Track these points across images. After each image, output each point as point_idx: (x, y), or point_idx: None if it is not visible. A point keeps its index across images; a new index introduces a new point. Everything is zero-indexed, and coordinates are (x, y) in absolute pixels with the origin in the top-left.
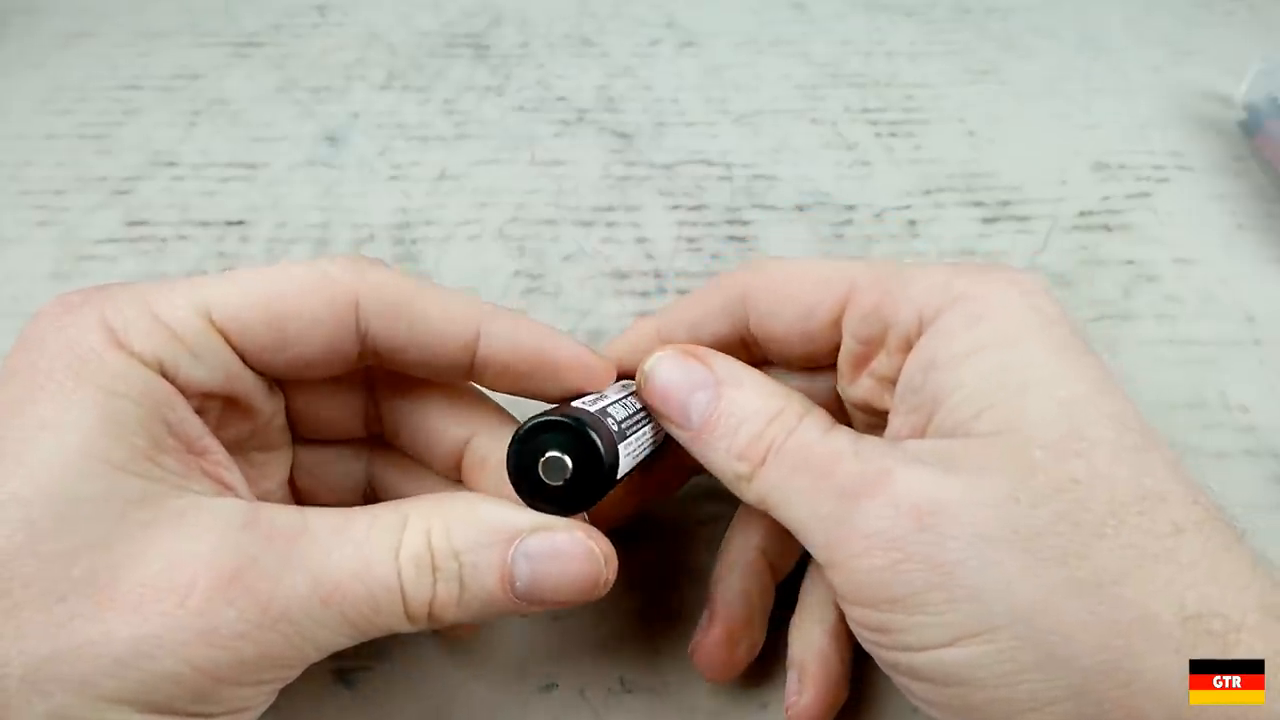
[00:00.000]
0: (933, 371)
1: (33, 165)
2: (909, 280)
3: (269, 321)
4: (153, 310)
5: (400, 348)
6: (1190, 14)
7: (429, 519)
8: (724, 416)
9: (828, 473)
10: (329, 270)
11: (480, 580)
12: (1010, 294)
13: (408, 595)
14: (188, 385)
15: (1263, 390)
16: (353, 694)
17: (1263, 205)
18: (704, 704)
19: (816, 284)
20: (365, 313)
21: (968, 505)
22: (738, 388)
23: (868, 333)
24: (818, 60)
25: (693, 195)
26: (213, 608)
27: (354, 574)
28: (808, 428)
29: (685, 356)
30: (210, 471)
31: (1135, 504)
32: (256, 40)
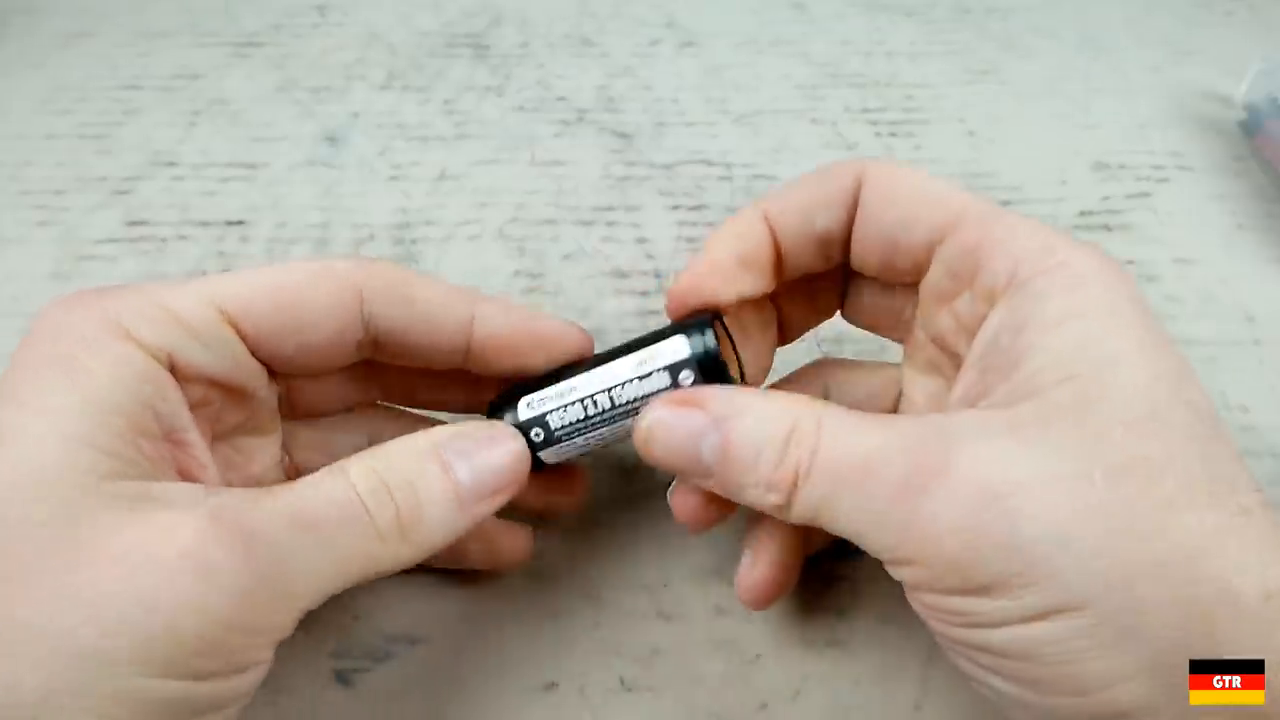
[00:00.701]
0: (1023, 334)
1: (33, 165)
2: (1013, 230)
3: (277, 309)
4: (162, 302)
5: (401, 330)
6: (1190, 14)
7: (364, 458)
8: (737, 454)
9: (874, 474)
10: (333, 264)
11: (429, 484)
12: (1107, 270)
13: (372, 511)
14: (196, 373)
15: (1263, 390)
16: (353, 694)
17: (1263, 205)
18: (704, 704)
19: (925, 199)
20: (369, 298)
21: (1042, 481)
22: (741, 418)
23: (960, 268)
24: (818, 60)
25: (693, 195)
26: (204, 547)
27: (321, 499)
28: (832, 434)
29: (677, 407)
30: (183, 465)
31: (1207, 485)
32: (256, 40)
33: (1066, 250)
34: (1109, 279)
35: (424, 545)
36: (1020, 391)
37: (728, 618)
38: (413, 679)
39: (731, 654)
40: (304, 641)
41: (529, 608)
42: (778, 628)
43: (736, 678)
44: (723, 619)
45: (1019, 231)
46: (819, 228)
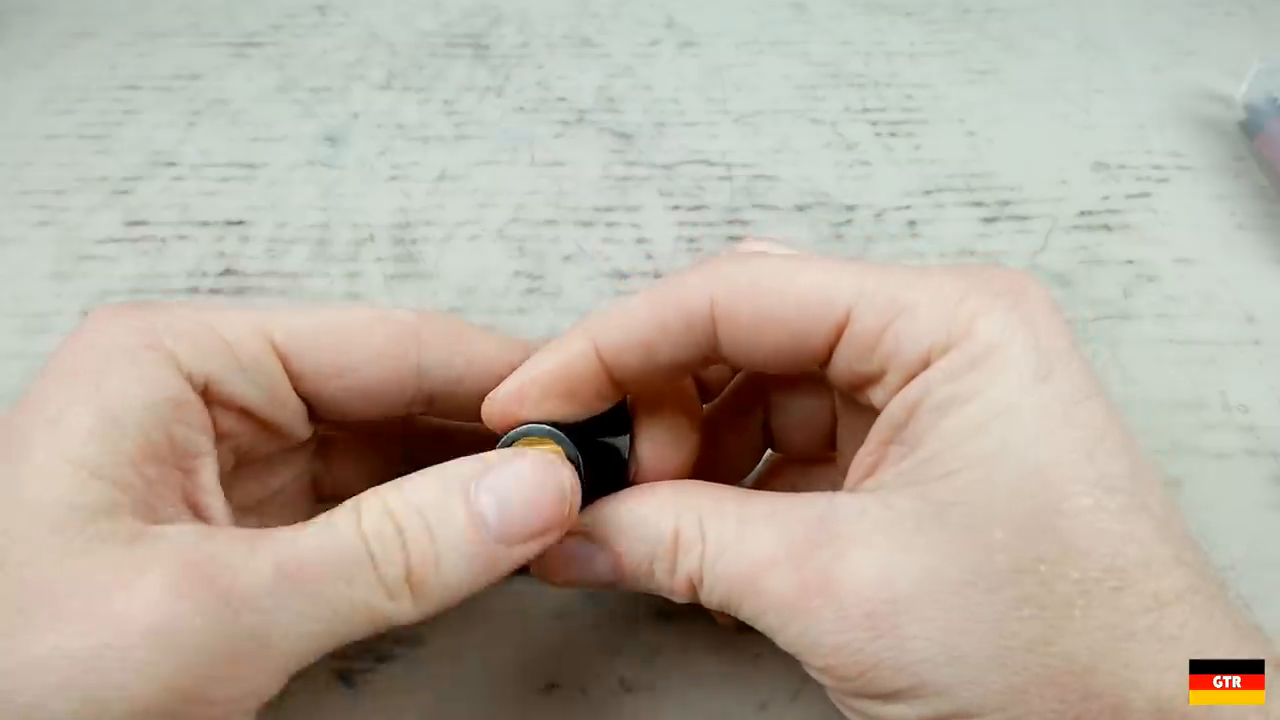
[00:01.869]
0: (916, 413)
1: (33, 165)
2: (911, 310)
3: (329, 347)
4: (210, 322)
5: (456, 379)
6: (1190, 14)
7: (383, 492)
8: (632, 571)
9: (764, 590)
10: (393, 310)
11: (450, 527)
12: (1012, 328)
13: (378, 560)
14: (231, 401)
15: (1263, 390)
16: (353, 694)
17: (1263, 205)
18: (704, 704)
19: (804, 309)
20: (426, 345)
21: (922, 596)
22: (624, 536)
23: (863, 369)
24: (818, 60)
25: (693, 195)
26: (166, 602)
27: (318, 548)
28: (717, 542)
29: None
30: (189, 494)
31: (1111, 578)
32: (256, 40)
33: (969, 314)
34: (1017, 340)
35: (437, 601)
36: (905, 480)
37: (728, 618)
38: (415, 679)
39: (731, 654)
40: None
41: (529, 608)
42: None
43: (736, 678)
44: (723, 619)
45: (919, 309)
46: (663, 362)
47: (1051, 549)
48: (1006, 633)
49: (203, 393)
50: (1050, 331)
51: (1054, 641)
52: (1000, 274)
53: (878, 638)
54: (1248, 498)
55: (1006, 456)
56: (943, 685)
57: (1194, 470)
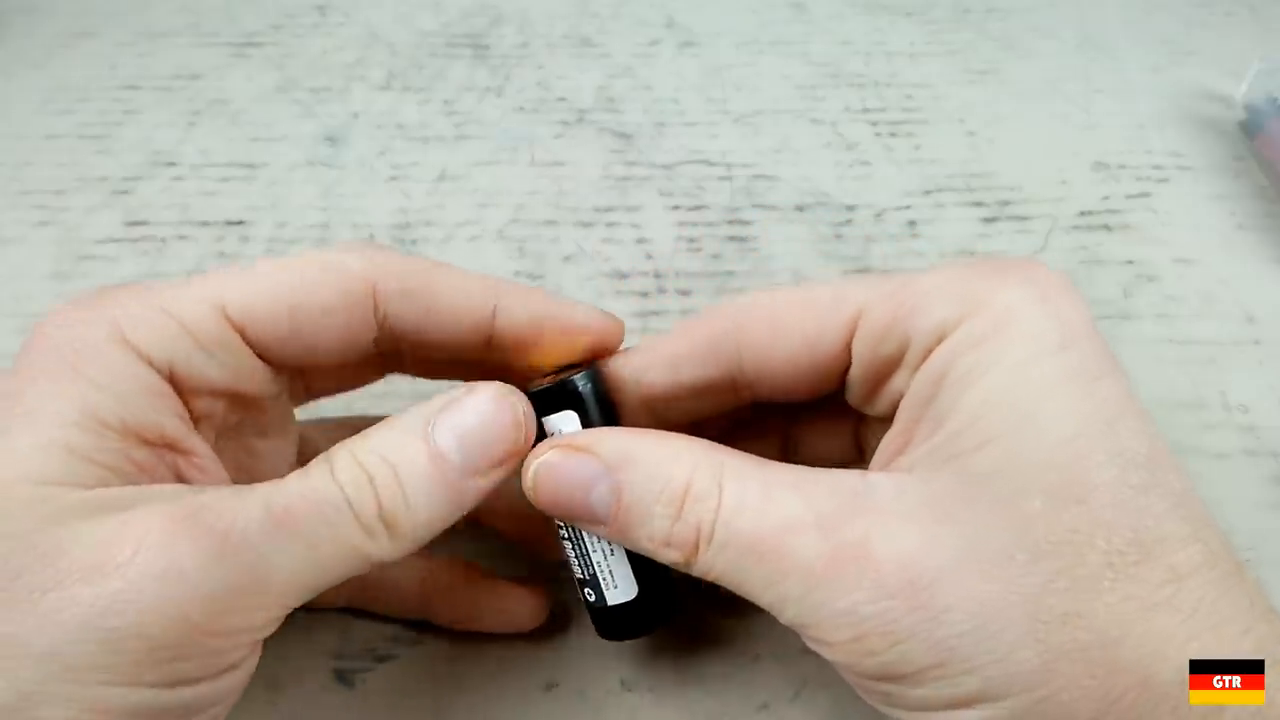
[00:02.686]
0: (942, 386)
1: (33, 165)
2: (923, 290)
3: (284, 313)
4: (165, 307)
5: (418, 328)
6: (1190, 14)
7: (349, 444)
8: (631, 505)
9: (788, 553)
10: (343, 259)
11: (413, 467)
12: (1029, 300)
13: (354, 504)
14: (198, 381)
15: (1263, 390)
16: (353, 694)
17: (1263, 205)
18: (704, 704)
19: (819, 310)
20: (382, 298)
21: (963, 567)
22: (634, 466)
23: (885, 352)
24: (817, 60)
25: (693, 195)
26: (170, 546)
27: (300, 494)
28: (736, 497)
29: (565, 452)
30: (185, 472)
31: (1133, 551)
32: (256, 40)
33: (988, 290)
34: (1033, 312)
35: (414, 536)
36: (940, 455)
37: (728, 618)
38: (413, 679)
39: (731, 654)
40: (304, 641)
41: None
42: (777, 629)
43: (736, 678)
44: (723, 619)
45: (930, 287)
46: (689, 386)
47: (1083, 519)
48: (1042, 606)
49: (169, 379)
50: (1067, 305)
51: (1085, 615)
52: (1013, 260)
53: (916, 609)
54: (1248, 498)
55: (1036, 426)
56: (973, 662)
57: (1194, 470)
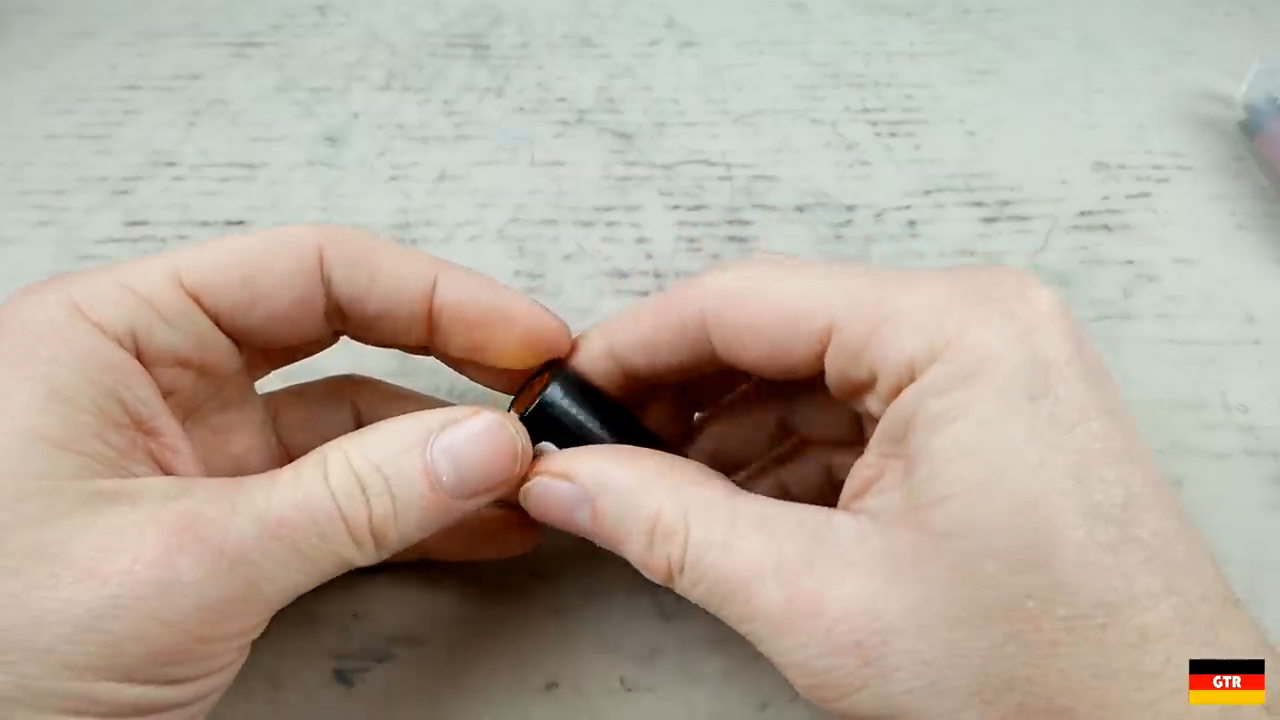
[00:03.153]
0: (911, 428)
1: (33, 165)
2: (898, 317)
3: (239, 280)
4: (121, 280)
5: (361, 296)
6: (1190, 14)
7: (345, 447)
8: (608, 531)
9: (750, 599)
10: (291, 229)
11: (408, 486)
12: (1006, 340)
13: (346, 516)
14: (161, 352)
15: (1263, 390)
16: (353, 694)
17: (1263, 205)
18: (704, 704)
19: (789, 318)
20: (329, 263)
21: (912, 627)
22: (607, 494)
23: (856, 375)
24: (817, 60)
25: (693, 195)
26: (169, 558)
27: (294, 505)
28: (702, 535)
29: (550, 479)
30: (156, 454)
31: (1099, 614)
32: (256, 40)
33: (960, 322)
34: (1008, 354)
35: (396, 547)
36: (904, 505)
37: None
38: (413, 679)
39: (731, 654)
40: (304, 641)
41: (529, 607)
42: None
43: (736, 678)
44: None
45: (907, 315)
46: (668, 364)
47: (1041, 584)
48: (990, 669)
49: (134, 353)
50: (1049, 341)
51: (1035, 680)
52: (1000, 277)
53: (864, 666)
54: (1248, 498)
55: (999, 484)
56: (921, 717)
57: (1194, 470)
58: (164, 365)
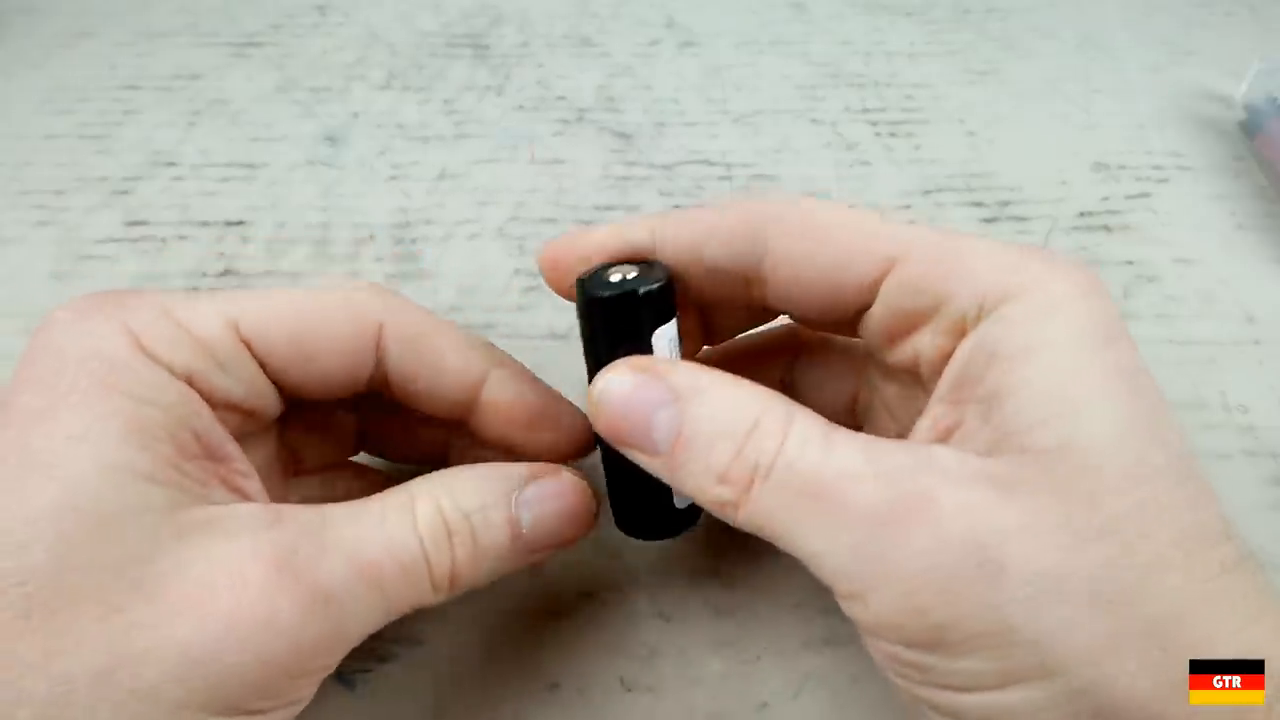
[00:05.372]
0: (995, 363)
1: (33, 165)
2: (969, 254)
3: (295, 337)
4: (177, 318)
5: (412, 376)
6: (1190, 14)
7: (434, 492)
8: (692, 435)
9: (848, 498)
10: (354, 294)
11: (492, 535)
12: (1075, 294)
13: (431, 562)
14: (213, 396)
15: (1263, 390)
16: (353, 694)
17: (1263, 205)
18: (704, 704)
19: (858, 236)
20: (386, 339)
21: (1026, 536)
22: (702, 398)
23: (912, 305)
24: (817, 60)
25: (693, 195)
26: (268, 598)
27: (384, 550)
28: (801, 439)
29: (637, 371)
30: (228, 480)
31: (1190, 540)
32: (256, 40)
33: (1037, 270)
34: (1082, 304)
35: (464, 590)
36: (998, 437)
37: (728, 618)
38: (414, 680)
39: (731, 654)
40: None
41: (529, 608)
42: (777, 628)
43: (736, 678)
44: (723, 619)
45: (982, 256)
46: (707, 261)
47: (1150, 500)
48: (1101, 585)
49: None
50: (1106, 303)
51: (1143, 599)
52: (1052, 253)
53: (975, 566)
54: (1248, 498)
55: (1095, 412)
56: (1028, 632)
57: None
58: (215, 408)
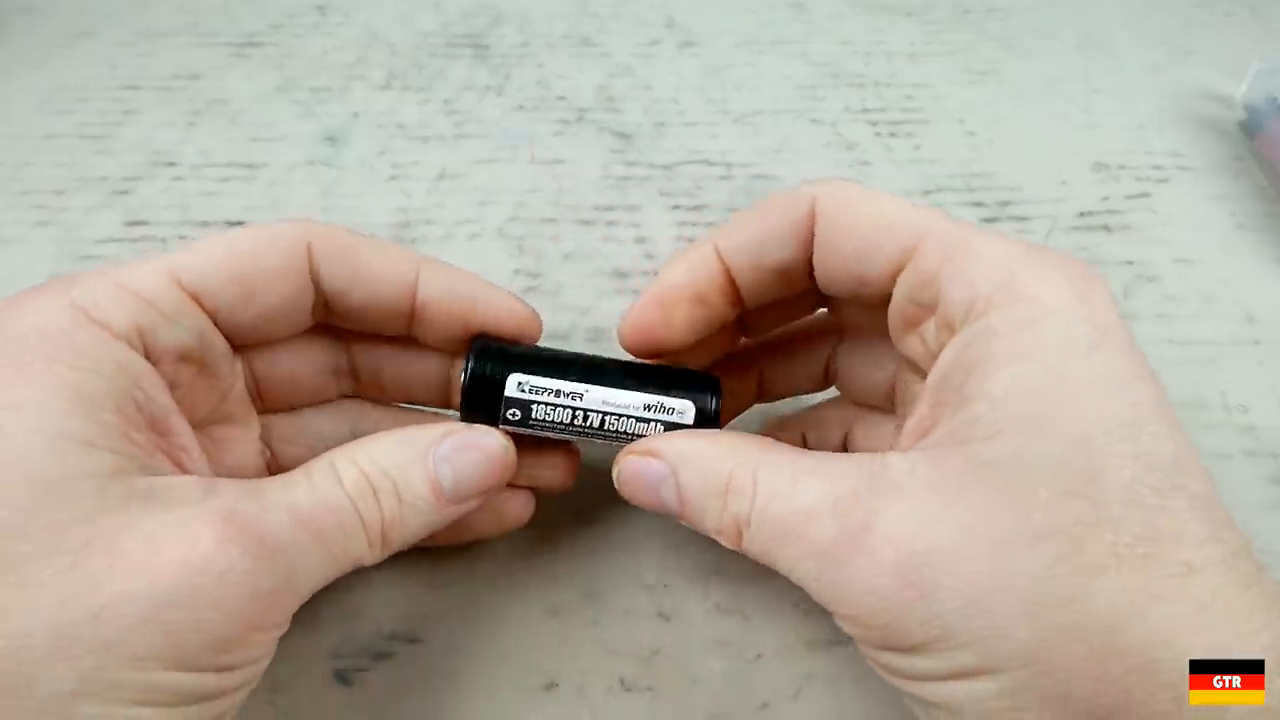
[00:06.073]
0: (972, 373)
1: (33, 165)
2: (975, 256)
3: (233, 277)
4: (123, 282)
5: (346, 289)
6: (1190, 14)
7: (354, 456)
8: (690, 501)
9: (806, 535)
10: (280, 226)
11: (414, 490)
12: (1068, 299)
13: (364, 518)
14: (165, 349)
15: (1263, 390)
16: (352, 694)
17: (1263, 205)
18: (703, 704)
19: (882, 227)
20: (316, 258)
21: (960, 548)
22: (687, 466)
23: (921, 296)
24: (817, 60)
25: (693, 195)
26: (221, 549)
27: (319, 504)
28: (768, 487)
29: (638, 457)
30: (171, 454)
31: (1142, 545)
32: (256, 40)
33: (1030, 278)
34: (1072, 310)
35: (399, 546)
36: (957, 437)
37: (728, 618)
38: (412, 678)
39: (731, 654)
40: (304, 641)
41: (528, 607)
42: (778, 628)
43: (736, 678)
44: (723, 619)
45: (982, 257)
46: (771, 262)
47: (1089, 513)
48: (1038, 589)
49: (141, 353)
50: (1105, 310)
51: (1083, 599)
52: (1065, 258)
53: (908, 587)
54: (1248, 498)
55: (1055, 423)
56: (969, 637)
57: None
58: (168, 362)
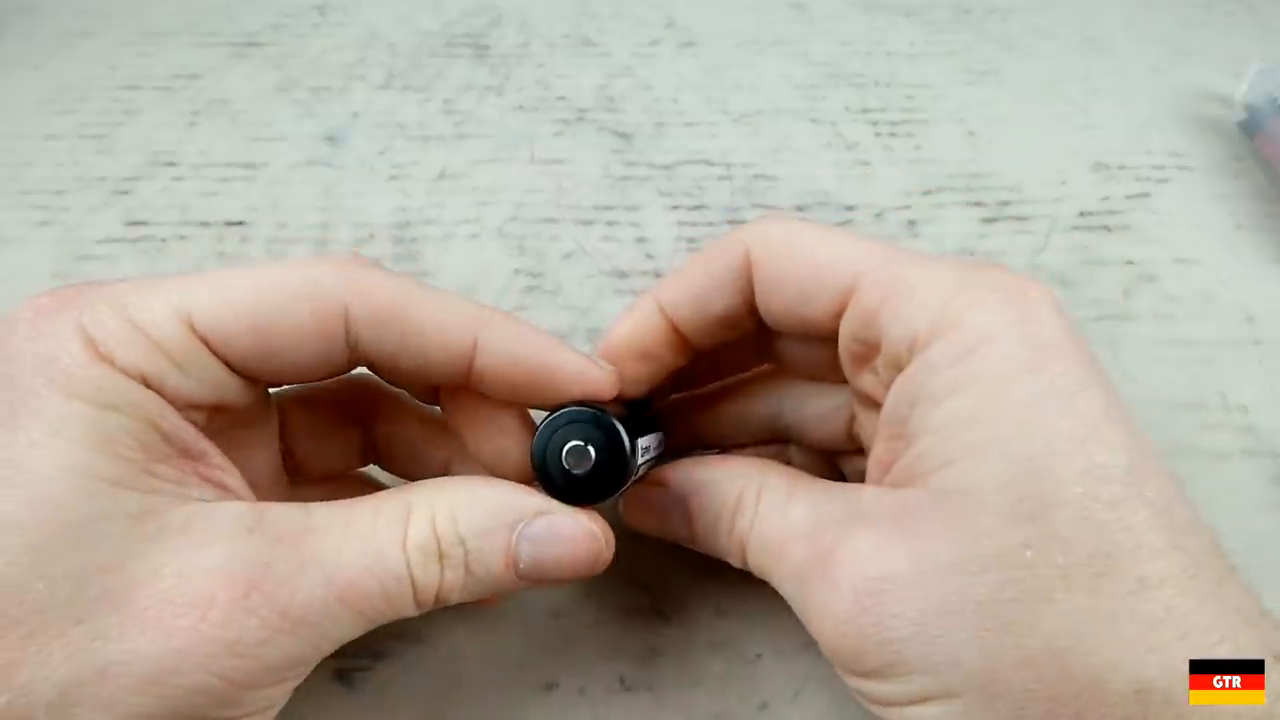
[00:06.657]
0: (914, 408)
1: (33, 165)
2: (910, 291)
3: (253, 331)
4: (132, 319)
5: (391, 356)
6: (1190, 14)
7: (433, 505)
8: (701, 525)
9: (785, 556)
10: (316, 275)
11: (485, 564)
12: (1005, 323)
13: (417, 584)
14: (174, 398)
15: (1263, 390)
16: (353, 694)
17: (1263, 205)
18: (703, 704)
19: (816, 273)
20: (354, 322)
21: (913, 577)
22: (698, 494)
23: (865, 336)
24: (817, 60)
25: (693, 195)
26: (235, 619)
27: (365, 569)
28: (767, 507)
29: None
30: (208, 475)
31: (1095, 563)
32: (256, 40)
33: (965, 304)
34: (1011, 333)
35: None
36: (912, 478)
37: (728, 618)
38: (413, 678)
39: (731, 654)
40: None
41: (529, 607)
42: (778, 628)
43: (736, 678)
44: (723, 619)
45: (916, 290)
46: (716, 310)
47: (1037, 535)
48: (987, 615)
49: None
50: (1046, 325)
51: (1032, 624)
52: (1004, 276)
53: (862, 613)
54: (1248, 498)
55: (998, 446)
56: (923, 664)
57: (1194, 470)
58: (178, 408)
